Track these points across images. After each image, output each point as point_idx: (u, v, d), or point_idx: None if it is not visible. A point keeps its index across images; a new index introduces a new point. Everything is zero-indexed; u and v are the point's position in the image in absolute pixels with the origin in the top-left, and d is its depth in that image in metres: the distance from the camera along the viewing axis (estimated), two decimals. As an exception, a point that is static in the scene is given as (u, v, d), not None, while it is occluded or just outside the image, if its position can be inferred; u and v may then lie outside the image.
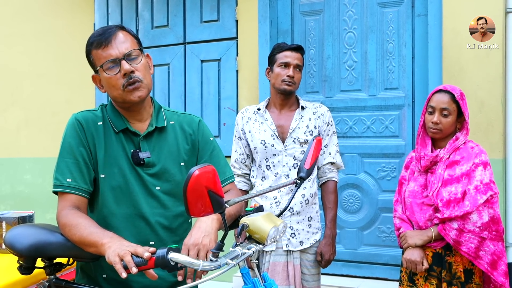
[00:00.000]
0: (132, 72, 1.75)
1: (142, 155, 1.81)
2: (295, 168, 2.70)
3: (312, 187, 2.75)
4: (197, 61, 4.28)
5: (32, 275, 1.95)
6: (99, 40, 1.75)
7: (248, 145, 2.81)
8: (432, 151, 2.54)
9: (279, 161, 2.71)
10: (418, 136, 2.58)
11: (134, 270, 1.40)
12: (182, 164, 1.90)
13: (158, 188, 1.84)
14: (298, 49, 2.75)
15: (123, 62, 1.74)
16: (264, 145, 2.73)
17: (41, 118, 4.99)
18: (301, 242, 2.69)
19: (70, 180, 1.72)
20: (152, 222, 1.82)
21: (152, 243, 1.80)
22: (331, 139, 2.80)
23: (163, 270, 1.46)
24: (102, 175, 1.78)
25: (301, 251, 2.70)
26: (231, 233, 1.65)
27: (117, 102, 1.83)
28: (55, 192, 1.78)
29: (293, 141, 2.71)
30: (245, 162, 2.83)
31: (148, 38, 4.46)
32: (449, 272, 2.45)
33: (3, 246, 2.53)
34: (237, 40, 4.13)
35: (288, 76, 2.69)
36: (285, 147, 2.71)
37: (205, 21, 4.26)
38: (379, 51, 3.77)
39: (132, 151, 1.82)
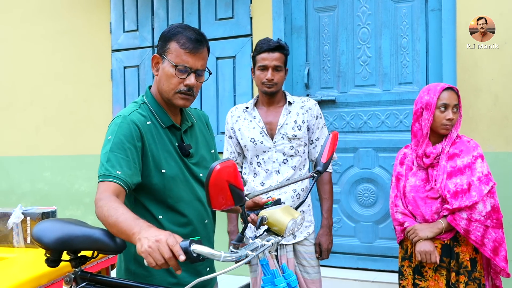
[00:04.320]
0: (193, 86, 1.88)
1: (187, 147, 1.96)
2: (285, 163, 2.75)
3: (303, 182, 2.79)
4: (212, 58, 4.33)
5: (58, 268, 2.02)
6: (189, 42, 1.85)
7: (239, 143, 2.86)
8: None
9: (269, 158, 2.76)
10: (425, 136, 2.60)
11: (182, 257, 1.41)
12: (212, 151, 2.11)
13: (201, 175, 1.98)
14: (277, 48, 2.72)
15: (192, 75, 1.87)
16: (253, 142, 2.77)
17: (60, 116, 5.08)
18: (294, 236, 2.73)
19: (119, 173, 1.74)
20: (205, 204, 1.96)
21: (206, 221, 2.00)
22: (322, 132, 2.84)
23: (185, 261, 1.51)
24: (163, 170, 1.87)
25: (298, 244, 2.76)
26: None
27: (161, 95, 1.93)
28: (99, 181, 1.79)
29: (281, 137, 2.75)
30: (236, 160, 2.88)
31: (163, 36, 4.51)
32: (457, 262, 2.53)
33: (28, 241, 2.63)
34: (251, 37, 4.18)
35: (266, 79, 2.70)
36: (274, 143, 2.75)
37: (220, 19, 4.30)
38: (393, 46, 3.79)
39: (177, 144, 1.94)
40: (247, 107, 2.86)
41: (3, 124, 5.37)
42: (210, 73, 1.98)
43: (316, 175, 1.77)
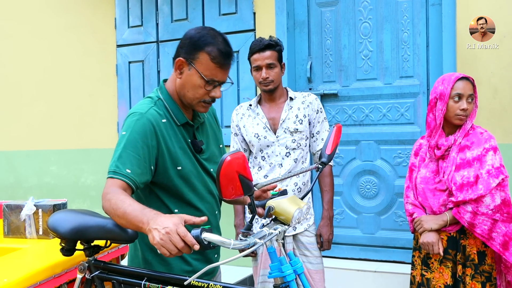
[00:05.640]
0: (218, 97, 1.94)
1: (199, 143, 2.01)
2: (287, 156, 2.84)
3: (305, 176, 2.89)
4: (216, 53, 4.37)
5: (71, 258, 2.09)
6: (220, 56, 1.85)
7: (244, 139, 2.96)
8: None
9: (272, 152, 2.86)
10: (439, 126, 2.59)
11: (196, 247, 1.49)
12: (221, 146, 2.19)
13: (212, 170, 2.04)
14: (267, 47, 2.80)
15: (218, 88, 1.91)
16: (257, 137, 2.87)
17: (65, 111, 5.14)
18: (294, 228, 2.83)
19: (129, 171, 1.78)
20: (216, 196, 2.06)
21: (216, 212, 2.11)
22: (323, 125, 2.92)
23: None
24: (179, 168, 1.92)
25: (299, 235, 2.86)
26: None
27: (181, 98, 1.96)
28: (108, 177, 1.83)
29: (284, 131, 2.84)
30: None
31: (168, 31, 4.57)
32: (463, 254, 2.53)
33: (40, 232, 2.70)
34: (255, 32, 4.23)
35: (262, 78, 2.80)
36: (277, 137, 2.85)
37: (224, 14, 4.36)
38: (394, 41, 3.85)
39: (190, 140, 1.99)
40: (250, 105, 2.96)
41: (10, 118, 5.44)
42: (232, 83, 1.99)
43: (321, 166, 1.84)
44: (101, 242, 2.00)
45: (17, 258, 2.37)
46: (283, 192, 1.84)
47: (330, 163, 2.91)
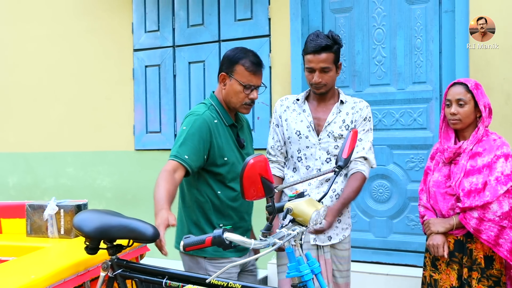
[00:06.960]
0: (256, 99, 2.47)
1: (242, 140, 2.54)
2: (327, 162, 2.65)
3: (344, 182, 2.70)
4: (231, 58, 4.45)
5: (94, 257, 2.17)
6: (252, 66, 2.41)
7: (283, 133, 2.76)
8: (455, 143, 2.63)
9: (311, 154, 2.66)
10: (441, 130, 2.68)
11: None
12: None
13: None
14: (323, 49, 2.56)
15: (255, 90, 2.46)
16: (298, 135, 2.68)
17: (83, 114, 5.23)
18: (329, 237, 2.64)
19: (187, 157, 2.27)
20: None
21: None
22: (367, 135, 2.73)
23: (218, 247, 1.65)
24: (225, 158, 2.43)
25: (331, 246, 2.66)
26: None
27: (228, 103, 2.48)
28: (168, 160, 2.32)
29: (327, 135, 2.65)
30: (281, 149, 2.77)
31: (184, 36, 4.65)
32: (470, 258, 2.55)
33: (62, 231, 2.78)
34: (269, 38, 4.29)
35: (314, 82, 2.60)
36: (319, 140, 2.65)
37: (239, 20, 4.42)
38: (407, 47, 3.90)
39: (235, 138, 2.51)
40: (298, 99, 2.76)
41: (28, 120, 5.53)
42: (266, 87, 2.50)
43: (337, 170, 1.89)
44: (124, 242, 2.07)
45: (41, 256, 2.44)
46: (301, 195, 1.90)
47: (364, 172, 2.71)
